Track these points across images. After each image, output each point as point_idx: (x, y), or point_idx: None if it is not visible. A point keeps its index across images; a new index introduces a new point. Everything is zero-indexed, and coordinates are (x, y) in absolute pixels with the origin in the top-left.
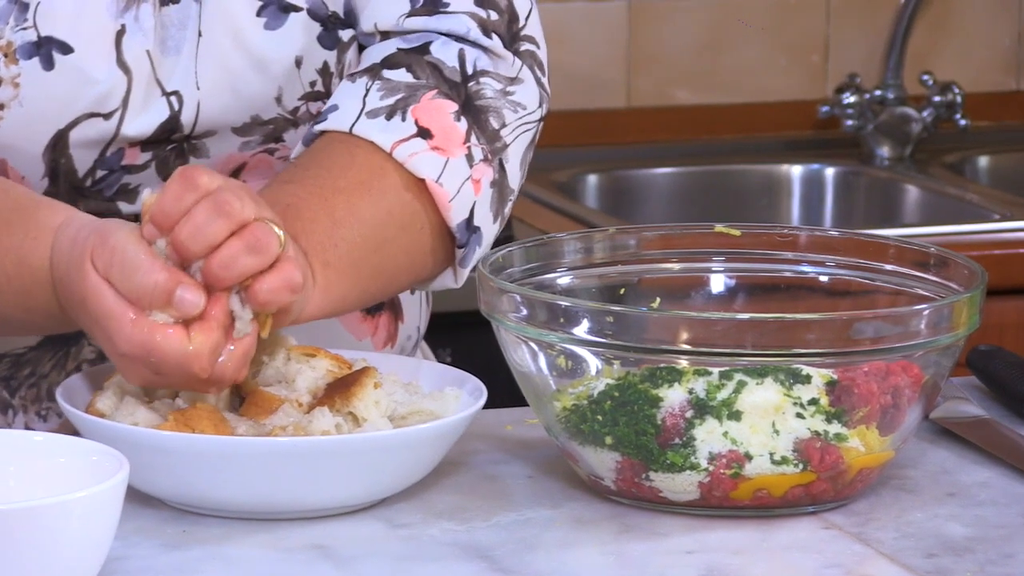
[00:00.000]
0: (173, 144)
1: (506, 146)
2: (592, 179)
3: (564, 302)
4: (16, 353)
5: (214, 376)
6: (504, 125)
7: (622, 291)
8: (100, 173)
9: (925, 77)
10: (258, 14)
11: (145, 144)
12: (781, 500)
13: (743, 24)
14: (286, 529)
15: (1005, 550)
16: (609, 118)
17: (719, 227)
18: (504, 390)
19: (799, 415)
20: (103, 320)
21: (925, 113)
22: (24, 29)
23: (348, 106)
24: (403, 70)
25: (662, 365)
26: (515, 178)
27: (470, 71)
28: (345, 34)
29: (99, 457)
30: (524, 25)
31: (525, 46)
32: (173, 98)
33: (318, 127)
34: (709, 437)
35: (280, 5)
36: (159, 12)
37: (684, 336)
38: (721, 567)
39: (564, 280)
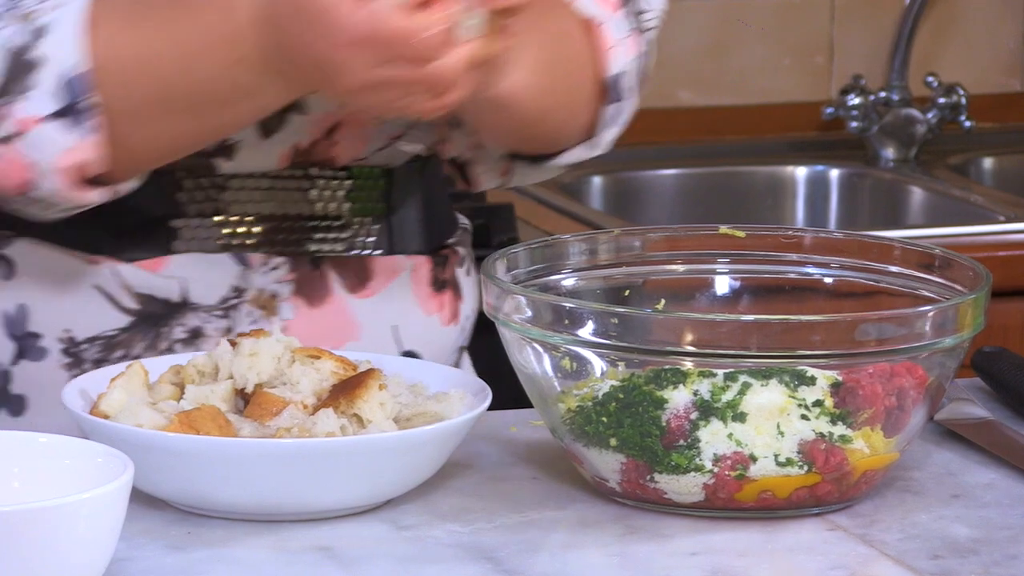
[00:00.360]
0: None
1: (649, 30)
2: (597, 180)
3: (569, 303)
4: (107, 335)
5: (435, 73)
6: (645, 12)
7: (627, 292)
8: None
9: (930, 79)
10: None
11: None
12: (786, 502)
13: (745, 25)
14: (290, 531)
15: (1010, 551)
16: None
17: (723, 228)
18: (509, 392)
19: (804, 417)
20: (323, 14)
21: (930, 115)
22: None
23: None
24: None
25: (667, 367)
26: (650, 66)
27: None
28: None
29: (104, 458)
30: None
31: None
32: None
33: None
34: (714, 439)
35: None
36: None
37: (689, 338)
38: (725, 569)
39: (569, 281)
